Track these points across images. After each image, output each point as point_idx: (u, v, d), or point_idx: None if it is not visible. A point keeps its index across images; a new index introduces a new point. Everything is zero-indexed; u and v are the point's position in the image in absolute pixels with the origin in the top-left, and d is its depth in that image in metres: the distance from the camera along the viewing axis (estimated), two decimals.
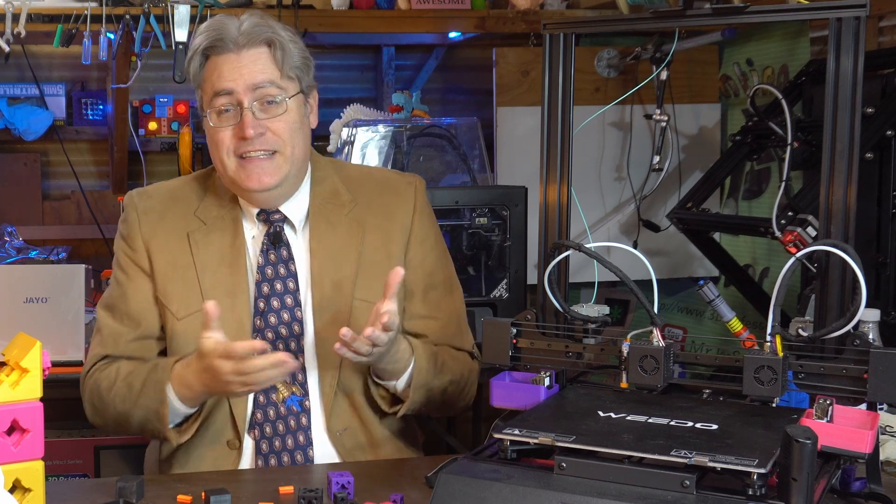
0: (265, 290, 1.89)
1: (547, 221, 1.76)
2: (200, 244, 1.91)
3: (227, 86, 1.84)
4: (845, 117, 1.52)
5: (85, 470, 3.09)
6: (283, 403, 1.87)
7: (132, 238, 1.94)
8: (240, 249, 1.91)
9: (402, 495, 1.53)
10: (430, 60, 3.86)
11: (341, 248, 1.92)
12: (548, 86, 1.75)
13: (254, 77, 1.84)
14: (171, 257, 1.90)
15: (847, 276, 1.53)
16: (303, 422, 1.87)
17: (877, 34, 2.84)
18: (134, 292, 1.93)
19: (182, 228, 1.93)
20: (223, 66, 1.85)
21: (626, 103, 3.44)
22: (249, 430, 1.87)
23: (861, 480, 1.44)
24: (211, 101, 1.86)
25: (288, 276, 1.91)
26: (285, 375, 1.75)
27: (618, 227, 3.53)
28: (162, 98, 3.61)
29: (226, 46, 1.85)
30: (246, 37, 1.84)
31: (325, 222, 1.94)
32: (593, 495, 1.27)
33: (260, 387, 1.74)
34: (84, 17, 2.89)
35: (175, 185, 2.02)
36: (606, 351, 1.58)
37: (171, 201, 1.96)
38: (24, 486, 1.39)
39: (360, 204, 1.96)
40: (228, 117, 1.85)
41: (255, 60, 1.85)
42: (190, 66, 1.89)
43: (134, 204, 1.97)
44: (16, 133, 3.52)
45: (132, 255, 1.94)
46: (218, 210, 1.94)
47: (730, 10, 1.67)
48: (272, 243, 1.91)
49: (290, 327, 1.89)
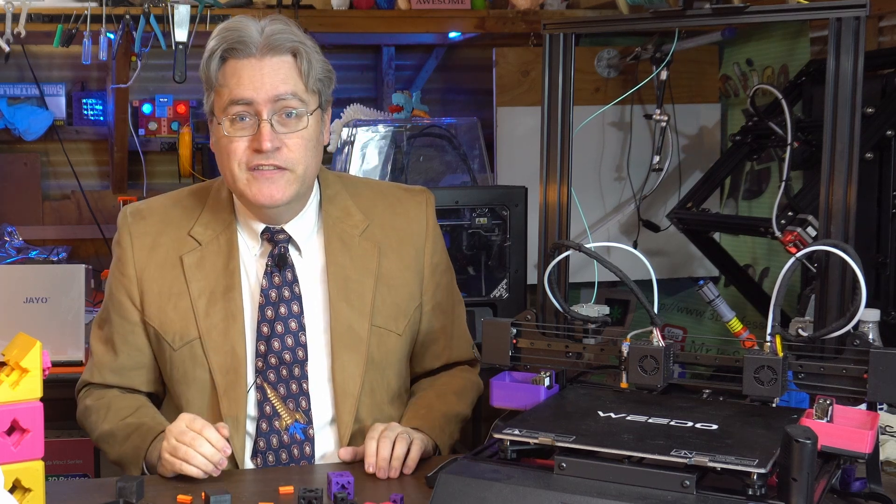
0: (269, 315, 1.82)
1: (547, 221, 1.76)
2: (194, 268, 1.83)
3: (248, 94, 1.74)
4: (845, 117, 1.52)
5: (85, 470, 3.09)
6: (286, 431, 1.81)
7: (124, 264, 1.87)
8: (234, 271, 1.83)
9: (402, 495, 1.53)
10: (430, 60, 3.86)
11: (357, 271, 1.86)
12: (548, 86, 1.75)
13: (276, 88, 1.74)
14: (165, 286, 1.84)
15: (847, 276, 1.53)
16: (306, 451, 1.81)
17: (877, 34, 2.84)
18: (118, 320, 1.88)
19: (175, 252, 1.85)
20: (243, 71, 1.75)
21: (626, 103, 3.44)
22: (252, 457, 1.82)
23: (861, 480, 1.44)
24: (226, 107, 1.76)
25: (292, 299, 1.83)
26: (214, 461, 1.64)
27: (618, 227, 3.53)
28: (162, 98, 3.61)
29: (248, 50, 1.74)
30: (270, 43, 1.74)
31: (339, 242, 1.86)
32: (593, 495, 1.27)
33: (180, 462, 1.64)
34: (84, 17, 2.89)
35: (170, 202, 1.92)
36: (606, 351, 1.58)
37: (165, 223, 1.88)
38: (24, 486, 1.39)
39: (373, 224, 1.90)
40: (244, 126, 1.76)
41: (278, 69, 1.75)
42: (207, 67, 1.78)
43: (128, 225, 1.89)
44: (16, 133, 3.52)
45: (123, 281, 1.87)
46: (214, 229, 1.86)
47: (730, 10, 1.67)
48: (277, 266, 1.84)
49: (295, 353, 1.82)
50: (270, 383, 1.81)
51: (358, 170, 3.11)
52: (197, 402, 1.82)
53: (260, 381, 1.81)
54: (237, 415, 1.79)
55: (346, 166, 3.10)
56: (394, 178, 3.12)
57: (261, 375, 1.81)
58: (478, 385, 2.00)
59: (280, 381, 1.81)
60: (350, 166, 3.09)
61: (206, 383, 1.81)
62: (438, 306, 1.96)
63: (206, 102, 1.84)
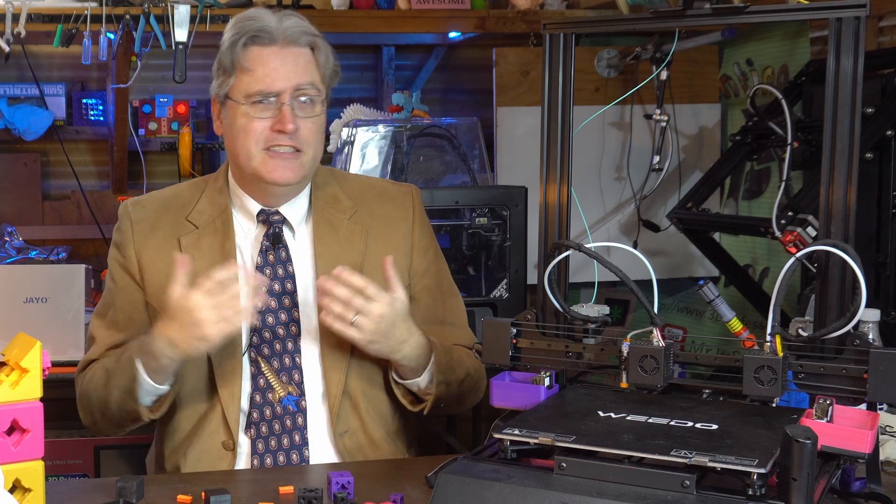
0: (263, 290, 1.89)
1: (547, 221, 1.76)
2: (191, 249, 1.91)
3: (273, 79, 1.84)
4: (845, 117, 1.52)
5: (85, 470, 3.09)
6: (279, 403, 1.87)
7: (124, 246, 1.96)
8: (230, 252, 1.91)
9: (402, 495, 1.53)
10: (430, 60, 3.86)
11: (344, 252, 1.93)
12: (548, 86, 1.75)
13: (299, 77, 1.86)
14: (164, 267, 1.88)
15: (847, 276, 1.53)
16: (298, 422, 1.88)
17: (877, 34, 2.84)
18: (122, 300, 1.95)
19: (173, 236, 1.93)
20: (268, 58, 1.85)
21: (626, 103, 3.44)
22: (246, 429, 1.88)
23: (861, 480, 1.44)
24: (250, 90, 1.85)
25: (286, 277, 1.92)
26: (260, 304, 1.77)
27: (618, 227, 3.53)
28: (162, 98, 3.61)
29: (272, 38, 1.86)
30: (292, 34, 1.86)
31: (327, 225, 1.95)
32: (593, 495, 1.27)
33: (234, 320, 1.73)
34: (84, 17, 2.89)
35: (169, 193, 2.03)
36: (606, 351, 1.58)
37: (164, 210, 1.97)
38: (24, 486, 1.39)
39: (361, 210, 1.99)
40: (264, 108, 1.85)
41: (298, 59, 1.87)
42: (230, 52, 1.87)
43: (128, 213, 1.99)
44: (16, 133, 3.52)
45: (123, 262, 1.96)
46: (210, 213, 1.95)
47: (730, 10, 1.67)
48: (272, 244, 1.92)
49: (288, 327, 1.90)
50: (264, 357, 1.89)
51: (358, 169, 3.10)
52: (192, 377, 1.88)
53: (254, 355, 1.89)
54: (232, 388, 1.87)
55: (346, 166, 3.10)
56: (394, 178, 3.12)
57: (254, 350, 1.88)
58: (479, 368, 1.99)
59: (273, 355, 1.89)
60: (350, 166, 3.09)
61: (201, 358, 1.85)
62: (427, 289, 2.01)
63: (218, 86, 1.91)
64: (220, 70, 1.90)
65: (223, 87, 1.90)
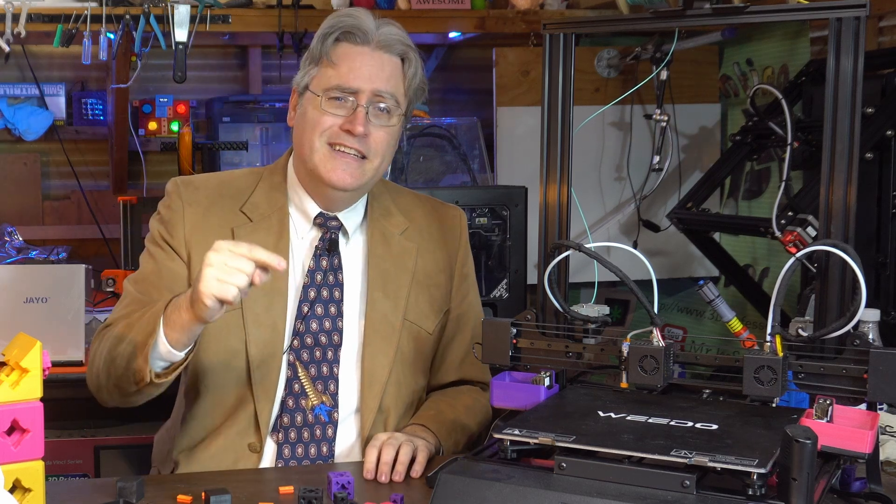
0: (311, 295, 1.86)
1: (547, 221, 1.76)
2: (245, 240, 1.75)
3: (354, 77, 1.82)
4: (845, 117, 1.52)
5: (85, 470, 3.09)
6: (311, 411, 1.83)
7: (173, 225, 1.87)
8: (283, 251, 1.85)
9: (402, 495, 1.53)
10: (431, 60, 3.86)
11: (396, 268, 1.92)
12: (548, 86, 1.75)
13: (381, 82, 1.83)
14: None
15: (847, 276, 1.53)
16: (328, 433, 1.84)
17: (877, 34, 2.84)
18: (163, 273, 1.85)
19: (226, 224, 1.87)
20: (357, 57, 1.83)
21: (626, 103, 3.44)
22: (273, 432, 1.83)
23: (861, 480, 1.44)
24: (330, 85, 1.82)
25: (335, 284, 1.88)
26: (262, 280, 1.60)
27: (618, 227, 3.53)
28: (162, 98, 3.61)
29: (365, 38, 1.83)
30: (385, 41, 1.84)
31: (380, 237, 1.93)
32: (593, 495, 1.27)
33: (229, 290, 1.56)
34: (84, 17, 2.89)
35: (223, 179, 1.95)
36: (606, 351, 1.58)
37: (218, 196, 1.90)
38: (24, 486, 1.39)
39: (412, 227, 1.97)
40: (339, 105, 1.82)
41: (385, 66, 1.84)
42: (321, 43, 1.85)
43: (179, 192, 1.89)
44: (16, 133, 3.52)
45: (171, 240, 1.87)
46: (266, 208, 1.89)
47: (730, 10, 1.67)
48: (327, 249, 1.88)
49: (330, 336, 1.86)
50: (303, 362, 1.85)
51: None
52: (220, 371, 1.82)
53: (293, 359, 1.84)
54: (267, 388, 1.82)
55: None
56: (393, 179, 3.12)
57: (294, 353, 1.84)
58: (487, 408, 1.96)
59: (312, 362, 1.85)
60: None
61: (237, 353, 1.82)
62: (462, 317, 2.00)
63: (301, 76, 1.88)
64: (307, 60, 1.88)
65: (305, 77, 1.87)
